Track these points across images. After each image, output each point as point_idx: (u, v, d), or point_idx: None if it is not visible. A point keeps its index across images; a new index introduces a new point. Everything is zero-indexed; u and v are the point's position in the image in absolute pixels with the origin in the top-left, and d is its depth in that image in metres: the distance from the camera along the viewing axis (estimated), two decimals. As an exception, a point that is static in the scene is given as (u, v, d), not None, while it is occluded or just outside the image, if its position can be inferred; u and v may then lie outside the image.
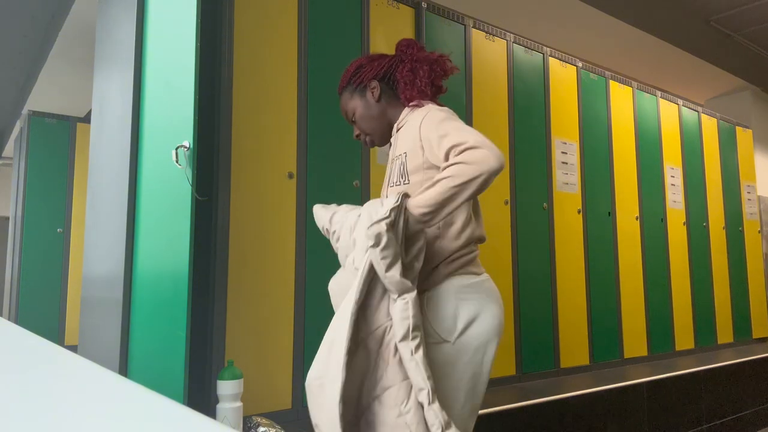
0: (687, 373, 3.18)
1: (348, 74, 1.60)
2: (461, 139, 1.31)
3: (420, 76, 1.51)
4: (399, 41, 1.59)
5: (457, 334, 1.37)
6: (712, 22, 4.30)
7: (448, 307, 1.39)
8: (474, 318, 1.39)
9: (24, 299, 4.15)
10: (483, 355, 1.39)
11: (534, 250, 3.02)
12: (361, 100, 1.58)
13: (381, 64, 1.57)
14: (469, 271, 1.44)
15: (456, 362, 1.37)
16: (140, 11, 2.15)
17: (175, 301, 1.71)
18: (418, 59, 1.53)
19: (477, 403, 1.42)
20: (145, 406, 0.58)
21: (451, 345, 1.37)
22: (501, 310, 1.45)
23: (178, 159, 1.72)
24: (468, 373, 1.38)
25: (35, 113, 4.43)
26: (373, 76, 1.56)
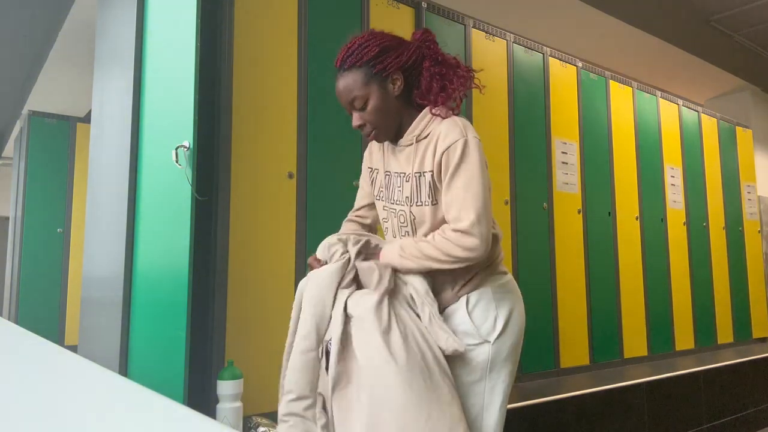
0: (687, 373, 3.18)
1: (364, 53, 1.39)
2: (461, 214, 1.32)
3: (455, 86, 1.41)
4: (415, 32, 1.47)
5: (497, 334, 1.38)
6: (712, 22, 4.30)
7: (489, 308, 1.40)
8: (509, 316, 1.42)
9: (24, 299, 4.15)
10: (516, 353, 1.43)
11: (534, 250, 3.02)
12: (379, 90, 1.39)
13: (408, 54, 1.40)
14: (500, 271, 1.46)
15: (497, 361, 1.38)
16: (140, 11, 2.15)
17: (175, 301, 1.71)
18: (443, 61, 1.43)
19: (506, 400, 1.42)
20: (145, 406, 0.58)
21: (491, 345, 1.38)
22: (523, 305, 1.50)
23: (178, 159, 1.72)
24: (506, 370, 1.40)
25: (35, 113, 4.43)
26: (399, 66, 1.39)
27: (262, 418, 1.89)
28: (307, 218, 2.20)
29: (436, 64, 1.42)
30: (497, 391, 1.38)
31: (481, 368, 1.37)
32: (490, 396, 1.37)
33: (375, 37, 1.42)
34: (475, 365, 1.36)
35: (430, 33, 1.46)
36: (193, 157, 1.71)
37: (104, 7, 2.64)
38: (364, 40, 1.41)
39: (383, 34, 1.44)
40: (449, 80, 1.42)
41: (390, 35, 1.44)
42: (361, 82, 1.40)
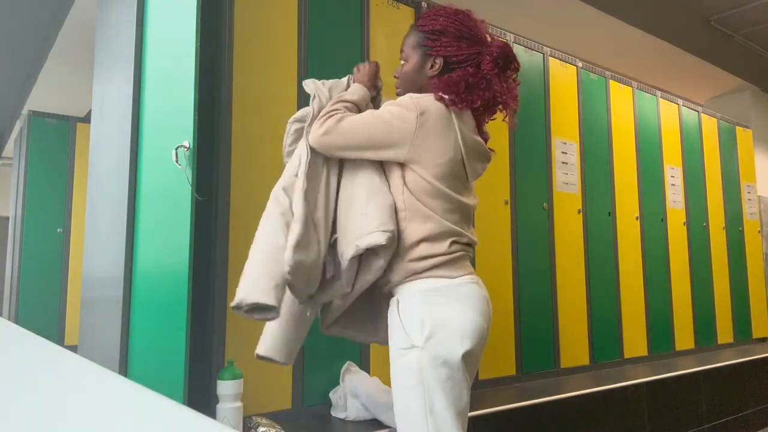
0: (687, 373, 3.18)
1: (428, 22, 1.48)
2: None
3: (475, 99, 1.43)
4: (496, 40, 1.48)
5: (425, 339, 1.33)
6: (712, 22, 4.30)
7: (416, 312, 1.36)
8: (441, 322, 1.35)
9: (24, 299, 4.15)
10: (458, 360, 1.34)
11: (534, 250, 3.02)
12: (419, 61, 1.49)
13: (462, 52, 1.45)
14: (437, 275, 1.39)
15: (429, 365, 1.32)
16: (140, 11, 2.15)
17: (175, 301, 1.71)
18: (489, 80, 1.43)
19: (461, 406, 1.36)
20: (145, 406, 0.58)
21: (420, 350, 1.33)
22: (477, 311, 1.40)
23: (178, 159, 1.72)
24: (444, 376, 1.33)
25: (35, 113, 4.43)
26: (444, 54, 1.46)
27: (262, 418, 1.89)
28: (307, 218, 2.19)
29: (480, 77, 1.43)
30: (438, 396, 1.32)
31: (415, 373, 1.33)
32: (431, 401, 1.32)
33: (450, 17, 1.48)
34: (409, 370, 1.34)
35: (504, 54, 1.46)
36: (193, 157, 1.71)
37: (104, 7, 2.64)
38: (438, 14, 1.49)
39: (464, 20, 1.49)
40: (477, 93, 1.43)
41: (469, 25, 1.48)
42: (411, 44, 1.51)
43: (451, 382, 1.33)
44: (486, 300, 1.46)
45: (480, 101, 1.43)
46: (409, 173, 1.42)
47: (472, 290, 1.42)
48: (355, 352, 2.24)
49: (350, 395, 2.08)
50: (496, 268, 2.84)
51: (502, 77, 1.46)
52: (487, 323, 1.43)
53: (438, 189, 1.41)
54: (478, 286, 1.45)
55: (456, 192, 1.46)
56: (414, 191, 1.41)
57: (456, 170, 1.46)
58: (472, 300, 1.41)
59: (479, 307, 1.41)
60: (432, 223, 1.40)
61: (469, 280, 1.43)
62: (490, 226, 2.83)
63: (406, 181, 1.42)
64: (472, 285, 1.43)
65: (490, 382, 2.72)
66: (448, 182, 1.44)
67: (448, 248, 1.41)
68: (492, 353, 2.76)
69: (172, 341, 1.72)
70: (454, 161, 1.45)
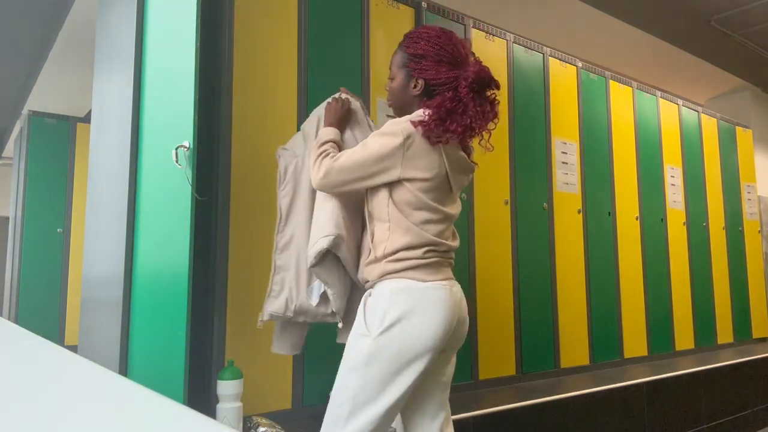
0: (687, 373, 3.18)
1: (412, 44, 1.56)
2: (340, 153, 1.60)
3: (453, 127, 1.47)
4: (476, 64, 1.53)
5: (380, 331, 1.41)
6: (712, 22, 4.30)
7: (380, 305, 1.45)
8: (400, 320, 1.42)
9: (24, 299, 4.15)
10: (406, 360, 1.41)
11: (534, 250, 3.02)
12: (403, 80, 1.58)
13: (442, 75, 1.52)
14: (409, 276, 1.47)
15: (373, 358, 1.41)
16: (140, 11, 2.14)
17: (175, 301, 1.71)
18: (466, 104, 1.48)
19: (382, 412, 1.40)
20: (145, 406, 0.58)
21: (372, 340, 1.41)
22: (439, 319, 1.45)
23: (178, 159, 1.72)
24: (381, 373, 1.40)
25: (35, 113, 4.43)
26: (425, 77, 1.54)
27: (262, 418, 1.89)
28: (307, 218, 2.19)
29: (458, 101, 1.49)
30: (370, 388, 1.40)
31: (361, 358, 1.42)
32: (362, 389, 1.40)
33: (431, 41, 1.55)
34: (356, 353, 1.43)
35: (480, 79, 1.50)
36: (193, 157, 1.71)
37: (104, 7, 2.64)
38: (420, 36, 1.57)
39: (445, 43, 1.56)
40: (455, 119, 1.48)
41: (449, 49, 1.56)
42: (397, 63, 1.61)
43: (390, 382, 1.40)
44: (454, 307, 1.50)
45: (460, 128, 1.48)
46: (397, 189, 1.51)
47: (439, 296, 1.48)
48: (355, 352, 2.25)
49: (350, 395, 2.08)
50: (496, 268, 2.84)
51: (478, 101, 1.51)
52: (445, 329, 1.46)
53: (422, 201, 1.51)
54: (449, 292, 1.50)
55: (440, 203, 1.54)
56: (399, 204, 1.51)
57: (441, 184, 1.54)
58: (436, 306, 1.46)
59: (442, 314, 1.46)
60: (411, 234, 1.50)
61: (439, 285, 1.49)
62: (490, 226, 2.83)
63: (392, 195, 1.52)
64: (441, 290, 1.49)
65: (490, 382, 2.72)
66: (433, 195, 1.52)
67: (423, 255, 1.49)
68: (492, 353, 2.76)
69: (172, 341, 1.71)
70: (439, 176, 1.52)
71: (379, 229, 1.53)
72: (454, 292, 1.53)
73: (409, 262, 1.48)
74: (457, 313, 1.51)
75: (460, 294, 1.57)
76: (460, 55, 1.55)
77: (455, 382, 2.59)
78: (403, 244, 1.49)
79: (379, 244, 1.52)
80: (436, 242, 1.51)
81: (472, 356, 2.67)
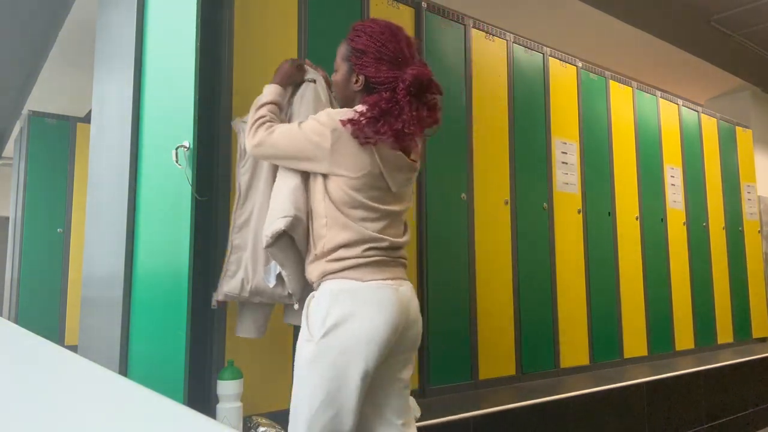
0: (687, 373, 3.18)
1: (356, 38, 1.53)
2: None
3: (384, 129, 1.43)
4: (417, 67, 1.47)
5: (321, 334, 1.38)
6: (712, 22, 4.30)
7: (321, 308, 1.42)
8: (341, 321, 1.38)
9: (24, 299, 4.15)
10: (348, 362, 1.37)
11: (534, 250, 3.02)
12: (346, 72, 1.55)
13: (381, 74, 1.48)
14: (349, 276, 1.44)
15: (317, 362, 1.38)
16: (140, 11, 2.14)
17: (175, 301, 1.71)
18: (400, 103, 1.43)
19: (334, 414, 1.38)
20: (145, 406, 0.58)
21: (315, 344, 1.39)
22: (381, 319, 1.41)
23: (178, 159, 1.72)
24: (327, 377, 1.38)
25: (35, 113, 4.43)
26: (366, 74, 1.50)
27: (262, 418, 1.89)
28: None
29: (394, 103, 1.44)
30: (319, 392, 1.37)
31: (306, 365, 1.40)
32: (312, 394, 1.38)
33: (373, 36, 1.50)
34: (302, 360, 1.41)
35: (418, 82, 1.45)
36: (193, 157, 1.71)
37: (104, 7, 2.64)
38: (364, 31, 1.52)
39: (387, 41, 1.50)
40: (387, 121, 1.43)
41: (392, 47, 1.50)
42: (340, 55, 1.58)
43: (335, 383, 1.38)
44: (400, 307, 1.45)
45: (390, 131, 1.43)
46: (330, 184, 1.48)
47: (383, 295, 1.44)
48: (355, 352, 2.25)
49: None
50: (496, 268, 2.84)
51: (414, 105, 1.45)
52: (389, 330, 1.41)
53: (356, 200, 1.46)
54: (394, 291, 1.46)
55: (378, 201, 1.49)
56: (334, 200, 1.47)
57: (375, 182, 1.49)
58: (379, 304, 1.42)
59: (386, 314, 1.42)
60: (350, 231, 1.46)
61: (383, 285, 1.45)
62: (490, 226, 2.83)
63: (327, 190, 1.48)
64: (385, 290, 1.44)
65: (490, 382, 2.72)
66: (367, 193, 1.48)
67: (362, 253, 1.45)
68: (492, 353, 2.76)
69: (172, 341, 1.72)
70: (372, 174, 1.48)
71: (318, 225, 1.50)
72: (402, 291, 1.48)
73: (348, 261, 1.44)
74: (404, 313, 1.46)
75: (410, 294, 1.52)
76: (403, 54, 1.50)
77: (455, 382, 2.60)
78: (341, 240, 1.45)
79: (318, 240, 1.49)
80: (376, 238, 1.47)
81: (472, 356, 2.67)
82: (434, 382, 2.51)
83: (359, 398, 1.39)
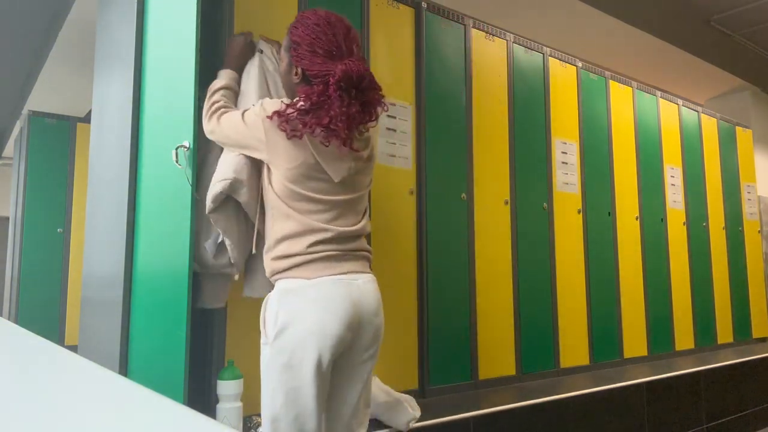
0: (687, 373, 3.18)
1: (295, 30, 1.53)
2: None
3: (311, 123, 1.41)
4: (356, 65, 1.43)
5: (274, 336, 1.40)
6: (712, 22, 4.30)
7: (272, 311, 1.43)
8: (289, 322, 1.39)
9: (24, 299, 4.15)
10: (300, 363, 1.38)
11: (534, 250, 3.02)
12: (287, 64, 1.57)
13: (314, 65, 1.47)
14: (295, 275, 1.44)
15: (273, 365, 1.40)
16: (140, 11, 2.14)
17: (175, 301, 1.71)
18: (335, 101, 1.41)
19: (296, 415, 1.39)
20: (145, 406, 0.58)
21: (270, 347, 1.41)
22: (332, 316, 1.40)
23: (178, 159, 1.72)
24: (283, 379, 1.39)
25: (35, 113, 4.43)
26: (302, 66, 1.50)
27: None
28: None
29: (325, 97, 1.43)
30: (279, 394, 1.39)
31: (265, 367, 1.42)
32: (273, 397, 1.40)
33: (308, 28, 1.49)
34: (263, 364, 1.43)
35: (347, 77, 1.42)
36: (193, 157, 1.71)
37: (104, 7, 2.64)
38: (301, 22, 1.52)
39: (322, 33, 1.48)
40: (315, 115, 1.43)
41: (327, 39, 1.47)
42: (283, 47, 1.58)
43: (293, 385, 1.38)
44: (353, 301, 1.44)
45: (315, 127, 1.41)
46: (273, 176, 1.50)
47: (331, 291, 1.42)
48: (355, 352, 2.25)
49: (350, 395, 2.08)
50: (496, 268, 2.84)
51: (345, 101, 1.41)
52: (342, 326, 1.40)
53: (296, 192, 1.46)
54: (346, 285, 1.44)
55: (320, 192, 1.47)
56: (277, 191, 1.48)
57: (313, 173, 1.47)
58: (327, 301, 1.41)
59: (336, 309, 1.41)
60: (292, 221, 1.46)
61: (331, 281, 1.43)
62: (490, 226, 2.83)
63: (271, 182, 1.50)
64: (333, 285, 1.43)
65: (490, 382, 2.72)
66: (306, 184, 1.46)
67: (306, 248, 1.44)
68: (492, 353, 2.76)
69: (172, 341, 1.71)
70: (307, 164, 1.46)
71: (267, 218, 1.52)
72: (357, 285, 1.46)
73: (294, 259, 1.43)
74: (357, 307, 1.44)
75: (367, 287, 1.49)
76: (339, 47, 1.48)
77: (455, 382, 2.60)
78: (285, 232, 1.45)
79: (268, 232, 1.51)
80: (321, 229, 1.45)
81: (472, 356, 2.67)
82: (434, 382, 2.51)
83: (318, 397, 1.39)
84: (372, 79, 1.48)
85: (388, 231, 2.44)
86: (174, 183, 1.80)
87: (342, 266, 1.46)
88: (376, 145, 1.66)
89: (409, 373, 2.44)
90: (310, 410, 1.39)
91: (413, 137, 2.58)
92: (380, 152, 2.46)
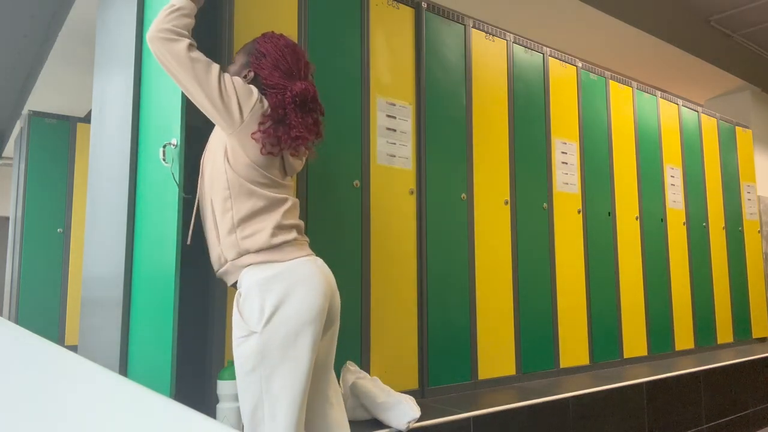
0: (687, 373, 3.18)
1: (259, 45, 1.65)
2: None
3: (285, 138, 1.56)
4: (312, 89, 1.63)
5: (263, 324, 1.45)
6: (712, 22, 4.31)
7: (254, 301, 1.48)
8: (280, 304, 1.46)
9: (24, 299, 4.15)
10: (296, 338, 1.46)
11: (534, 250, 3.02)
12: (240, 65, 1.67)
13: (272, 77, 1.61)
14: (270, 259, 1.52)
15: (266, 350, 1.44)
16: (140, 11, 2.14)
17: (165, 300, 1.71)
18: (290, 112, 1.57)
19: (301, 388, 1.46)
20: (145, 406, 0.58)
21: (259, 335, 1.45)
22: (314, 291, 1.50)
23: (165, 156, 1.73)
24: (279, 361, 1.45)
25: (35, 113, 4.43)
26: (258, 72, 1.63)
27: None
28: (306, 216, 2.19)
29: (282, 107, 1.58)
30: (275, 377, 1.44)
31: (255, 356, 1.45)
32: (267, 383, 1.44)
33: (277, 47, 1.65)
34: (247, 356, 1.45)
35: (302, 96, 1.60)
36: (181, 154, 1.71)
37: (104, 7, 2.64)
38: (271, 39, 1.66)
39: (287, 54, 1.64)
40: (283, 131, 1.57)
41: (289, 60, 1.64)
42: (243, 50, 1.71)
43: (290, 363, 1.45)
44: (325, 277, 1.56)
45: (290, 140, 1.57)
46: (233, 152, 1.57)
47: (308, 269, 1.54)
48: (355, 352, 2.24)
49: (350, 395, 2.08)
50: (496, 267, 2.84)
51: (300, 113, 1.59)
52: (323, 299, 1.52)
53: (261, 174, 1.57)
54: (315, 264, 1.57)
55: (278, 178, 1.62)
56: (236, 169, 1.56)
57: (275, 162, 1.61)
58: (309, 278, 1.52)
59: (317, 284, 1.52)
60: (256, 197, 1.55)
61: (303, 261, 1.55)
62: (490, 226, 2.83)
63: (228, 158, 1.57)
64: (307, 264, 1.55)
65: (490, 382, 2.72)
66: (271, 171, 1.59)
67: (274, 231, 1.53)
68: (492, 353, 2.76)
69: (169, 341, 1.71)
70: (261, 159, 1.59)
71: (219, 199, 1.57)
72: (320, 264, 1.59)
73: (262, 239, 1.52)
74: (329, 282, 1.57)
75: (326, 267, 1.62)
76: (297, 71, 1.65)
77: (455, 382, 2.60)
78: (250, 208, 1.54)
79: (225, 215, 1.55)
80: (283, 199, 1.59)
81: (472, 356, 2.67)
82: (434, 382, 2.51)
83: (311, 369, 1.48)
84: (320, 103, 1.67)
85: (388, 231, 2.44)
86: (173, 182, 1.79)
87: (305, 249, 1.61)
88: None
89: (409, 373, 2.44)
90: (305, 383, 1.47)
91: (413, 137, 2.58)
92: (380, 152, 2.46)
